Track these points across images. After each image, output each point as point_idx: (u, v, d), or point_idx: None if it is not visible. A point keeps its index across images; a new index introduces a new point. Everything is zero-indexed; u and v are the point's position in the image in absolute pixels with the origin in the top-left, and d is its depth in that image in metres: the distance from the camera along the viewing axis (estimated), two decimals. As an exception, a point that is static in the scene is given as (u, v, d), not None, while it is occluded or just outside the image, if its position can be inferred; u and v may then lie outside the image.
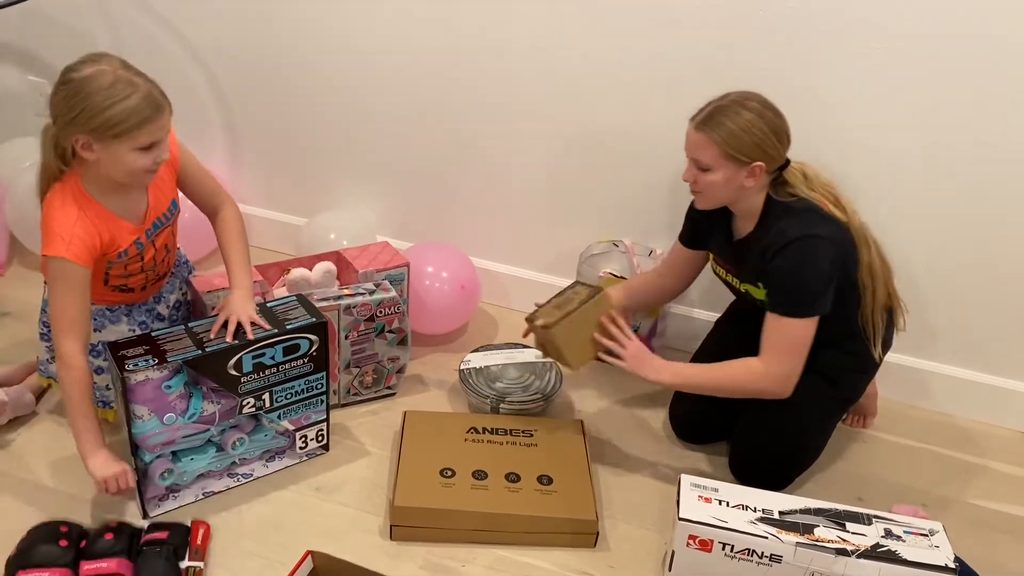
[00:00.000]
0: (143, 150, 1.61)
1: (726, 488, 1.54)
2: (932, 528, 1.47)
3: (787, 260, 1.74)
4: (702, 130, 1.75)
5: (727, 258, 1.97)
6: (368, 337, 2.07)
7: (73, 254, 1.63)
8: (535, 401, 2.10)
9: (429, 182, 2.54)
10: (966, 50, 1.92)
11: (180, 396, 1.69)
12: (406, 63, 2.38)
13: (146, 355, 1.65)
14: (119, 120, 1.55)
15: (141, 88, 1.57)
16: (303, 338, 1.79)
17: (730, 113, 1.73)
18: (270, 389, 1.81)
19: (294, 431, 1.90)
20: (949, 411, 2.30)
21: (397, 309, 2.07)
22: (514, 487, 1.83)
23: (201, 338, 1.72)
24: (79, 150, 1.61)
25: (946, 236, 2.12)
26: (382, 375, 2.15)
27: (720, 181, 1.77)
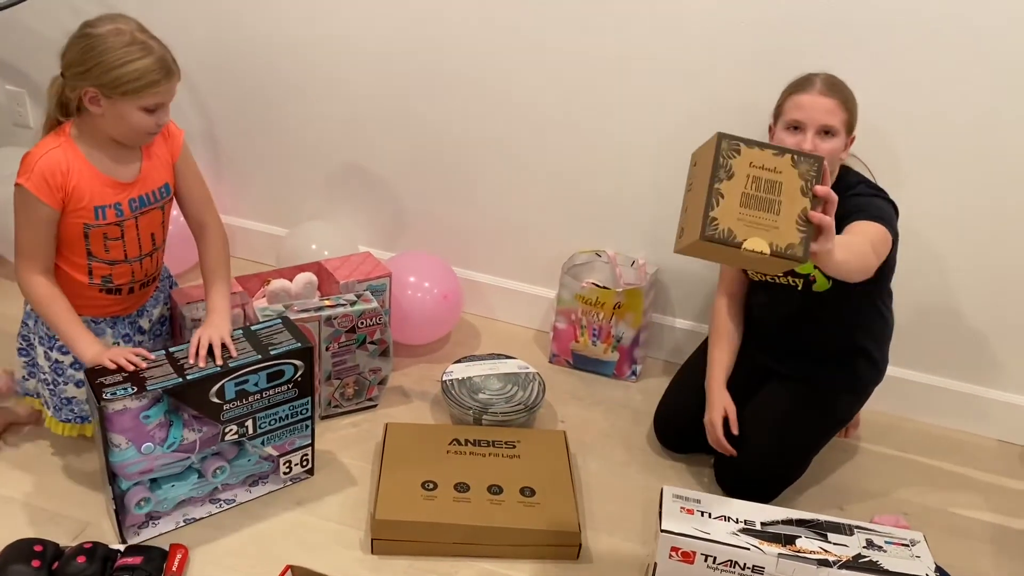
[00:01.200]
0: (148, 111, 1.67)
1: (708, 499, 1.54)
2: (913, 538, 1.48)
3: (872, 198, 1.77)
4: (830, 94, 1.76)
5: None
6: (349, 349, 2.06)
7: (32, 184, 1.66)
8: (518, 412, 2.09)
9: (411, 193, 2.53)
10: (974, 54, 1.94)
11: (159, 425, 1.65)
12: (388, 73, 2.38)
13: (125, 383, 1.60)
14: (131, 79, 1.62)
15: (155, 51, 1.64)
16: (287, 364, 1.74)
17: (839, 82, 1.78)
18: (253, 416, 1.76)
19: (278, 456, 1.85)
20: (930, 421, 2.31)
21: (379, 320, 2.06)
22: (496, 499, 1.82)
23: (182, 364, 1.67)
24: (86, 103, 1.66)
25: (929, 248, 2.13)
26: (363, 387, 2.13)
27: (839, 148, 1.78)
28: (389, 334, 2.10)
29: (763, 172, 1.33)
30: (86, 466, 1.91)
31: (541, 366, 2.35)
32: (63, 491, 1.84)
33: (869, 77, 1.94)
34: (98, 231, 1.75)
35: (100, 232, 1.75)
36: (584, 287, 2.29)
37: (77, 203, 1.70)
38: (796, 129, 1.78)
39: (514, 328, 2.57)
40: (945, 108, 1.99)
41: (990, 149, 2.01)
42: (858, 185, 1.84)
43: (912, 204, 2.06)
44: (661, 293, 2.41)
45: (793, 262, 1.32)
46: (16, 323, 1.89)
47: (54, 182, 1.67)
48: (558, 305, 2.36)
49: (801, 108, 1.77)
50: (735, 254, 1.32)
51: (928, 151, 2.05)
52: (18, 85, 2.79)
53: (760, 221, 1.31)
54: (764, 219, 1.31)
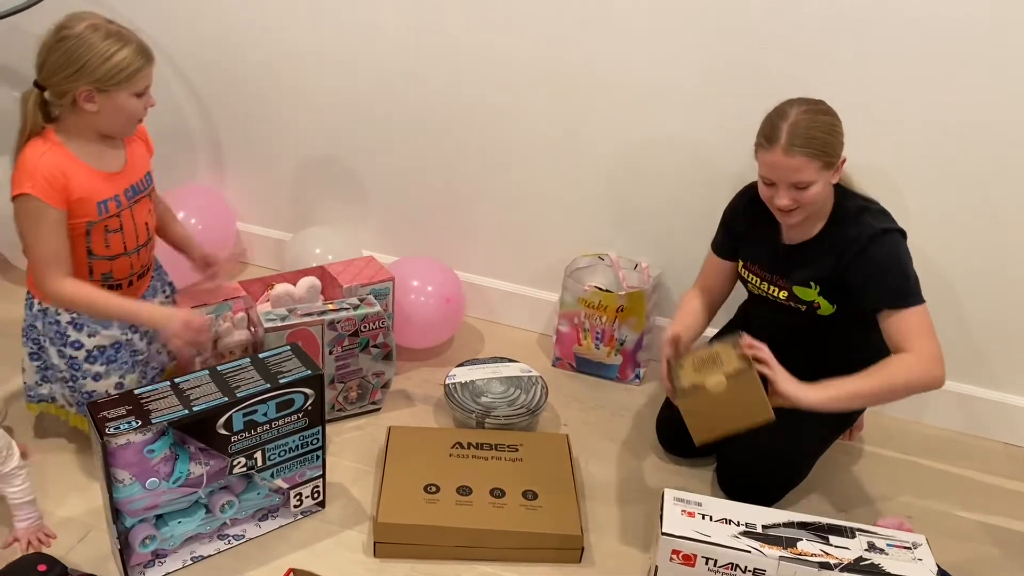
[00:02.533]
0: (138, 96, 1.75)
1: (709, 502, 1.53)
2: (915, 541, 1.47)
3: (883, 251, 1.75)
4: (793, 151, 1.69)
5: (767, 265, 1.92)
6: (352, 352, 2.06)
7: (38, 190, 1.68)
8: (520, 415, 2.10)
9: (414, 197, 2.54)
10: (976, 56, 1.95)
11: (165, 459, 1.59)
12: (391, 78, 2.39)
13: (128, 416, 1.55)
14: (120, 68, 1.69)
15: (132, 39, 1.72)
16: (297, 392, 1.70)
17: (810, 124, 1.69)
18: (263, 447, 1.70)
19: (288, 489, 1.81)
20: (935, 424, 2.31)
21: (381, 324, 2.07)
22: (499, 502, 1.82)
23: (188, 396, 1.62)
24: (81, 102, 1.71)
25: (933, 251, 2.13)
26: (367, 390, 2.14)
27: (821, 190, 1.75)
28: (392, 338, 2.11)
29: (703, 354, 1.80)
30: (89, 465, 1.91)
31: (544, 369, 2.36)
32: (64, 513, 1.83)
33: (867, 81, 1.95)
34: (100, 226, 1.79)
35: (101, 226, 1.79)
36: (587, 290, 2.29)
37: (79, 203, 1.74)
38: (769, 184, 1.77)
39: (517, 332, 2.57)
40: (943, 111, 1.99)
41: (992, 152, 2.01)
42: (861, 215, 1.79)
43: (913, 207, 2.06)
44: (664, 296, 2.41)
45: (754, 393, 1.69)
46: (12, 324, 1.88)
47: (57, 184, 1.70)
48: (561, 308, 2.36)
49: (769, 167, 1.74)
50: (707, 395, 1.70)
51: (929, 155, 2.05)
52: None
53: (710, 369, 1.74)
54: (712, 368, 1.73)
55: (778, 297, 1.92)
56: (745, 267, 1.98)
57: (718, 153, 2.19)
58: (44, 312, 1.83)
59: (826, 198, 1.81)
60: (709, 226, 2.07)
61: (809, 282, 1.85)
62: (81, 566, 1.69)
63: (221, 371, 1.70)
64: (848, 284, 1.79)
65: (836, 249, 1.79)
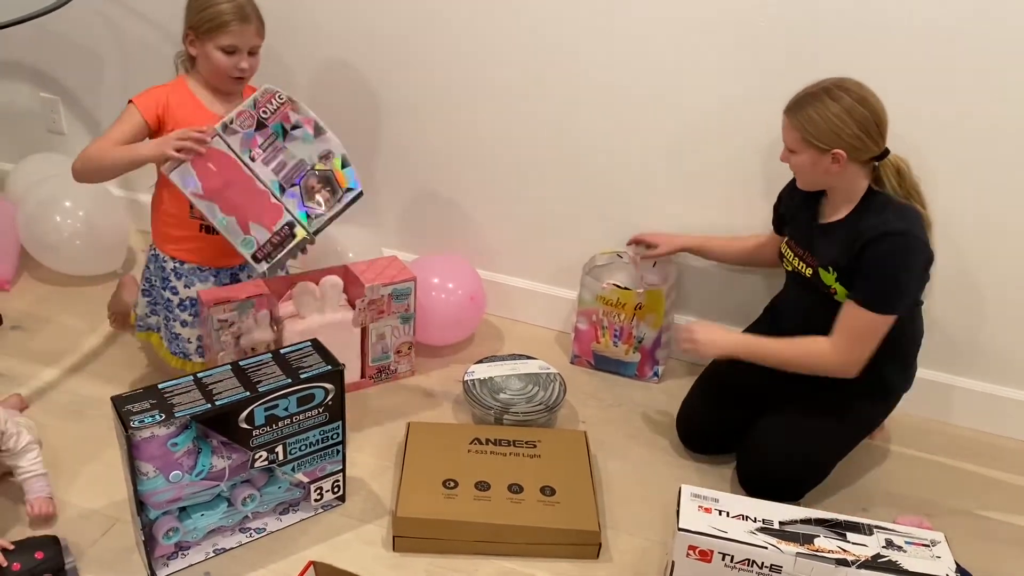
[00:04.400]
0: (226, 53, 1.91)
1: (726, 498, 1.53)
2: (933, 538, 1.47)
3: (884, 251, 1.77)
4: (787, 114, 1.83)
5: (802, 241, 1.97)
6: (275, 146, 1.90)
7: (138, 100, 1.95)
8: (538, 412, 2.10)
9: (435, 195, 2.55)
10: (1000, 57, 1.94)
11: (188, 452, 1.62)
12: (410, 72, 2.40)
13: (152, 410, 1.58)
14: (209, 18, 1.89)
15: (236, 0, 1.90)
16: (318, 387, 1.72)
17: (816, 102, 1.77)
18: (284, 441, 1.73)
19: (309, 483, 1.82)
20: (957, 422, 2.29)
21: (279, 100, 1.90)
22: (517, 498, 1.84)
23: (210, 390, 1.64)
24: (187, 44, 1.96)
25: (954, 250, 2.11)
26: (328, 180, 1.93)
27: (806, 164, 1.83)
28: (305, 109, 1.92)
29: None
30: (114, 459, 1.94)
31: (562, 366, 2.36)
32: (90, 486, 1.88)
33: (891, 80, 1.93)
34: None
35: None
36: (605, 288, 2.30)
37: (176, 123, 1.93)
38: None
39: (536, 329, 2.58)
40: (969, 110, 1.98)
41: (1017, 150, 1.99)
42: (885, 209, 1.81)
43: (936, 206, 2.05)
44: (683, 295, 2.41)
45: None
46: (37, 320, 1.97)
47: (153, 100, 1.95)
48: (579, 306, 2.36)
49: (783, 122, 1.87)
50: None
51: (955, 154, 2.03)
52: (52, 92, 2.85)
53: None
54: None
55: (805, 274, 1.94)
56: (786, 243, 2.03)
57: (743, 154, 2.19)
58: (155, 256, 2.09)
59: (832, 180, 1.84)
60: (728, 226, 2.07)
61: (828, 266, 1.87)
62: (105, 558, 1.73)
63: (243, 366, 1.73)
64: (854, 272, 1.82)
65: (853, 235, 1.82)
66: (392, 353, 2.27)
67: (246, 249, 1.89)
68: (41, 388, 2.17)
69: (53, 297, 2.54)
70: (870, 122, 1.78)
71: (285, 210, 1.91)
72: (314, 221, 1.92)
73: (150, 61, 2.61)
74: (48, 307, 2.49)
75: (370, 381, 2.28)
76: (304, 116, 1.92)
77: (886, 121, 1.80)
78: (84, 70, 2.77)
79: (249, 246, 1.89)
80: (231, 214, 1.88)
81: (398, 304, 2.20)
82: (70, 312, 2.47)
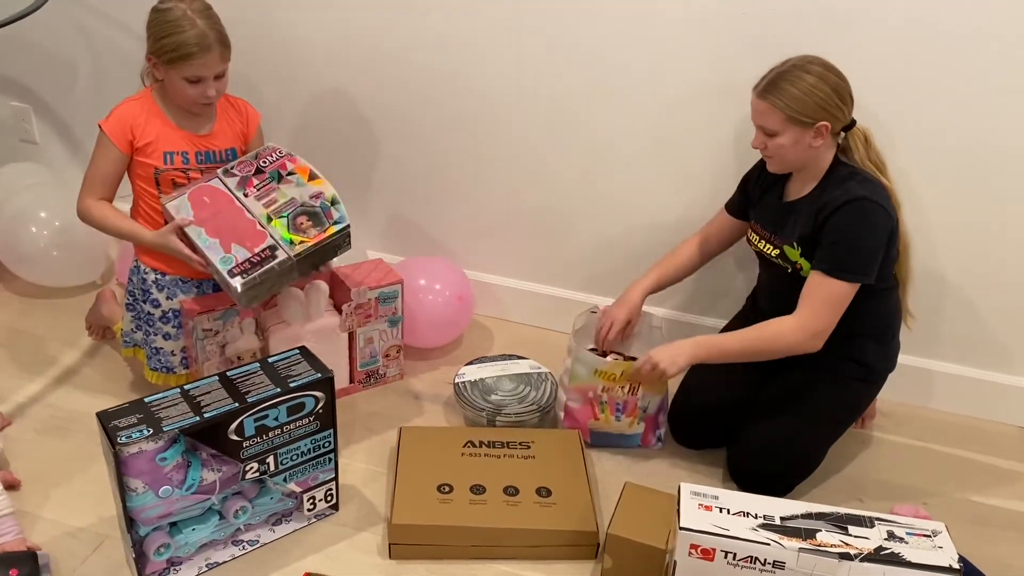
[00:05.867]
0: (190, 82, 1.86)
1: (726, 495, 1.52)
2: (935, 529, 1.46)
3: (846, 218, 1.77)
4: (765, 97, 1.79)
5: (768, 221, 1.96)
6: (269, 187, 1.95)
7: (107, 126, 1.91)
8: (531, 413, 2.09)
9: (419, 196, 2.52)
10: (973, 50, 1.94)
11: (177, 467, 1.58)
12: (394, 71, 2.37)
13: (139, 425, 1.55)
14: (170, 48, 1.83)
15: (197, 28, 1.82)
16: (308, 396, 1.69)
17: (791, 77, 1.76)
18: (274, 452, 1.70)
19: (301, 493, 1.79)
20: (948, 408, 2.30)
21: (279, 154, 1.99)
22: (513, 500, 1.82)
23: (198, 402, 1.62)
24: (152, 68, 1.91)
25: (945, 232, 2.12)
26: (317, 216, 1.93)
27: (788, 144, 1.81)
28: (303, 162, 1.98)
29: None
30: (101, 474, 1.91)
31: (553, 365, 2.32)
32: (78, 503, 1.84)
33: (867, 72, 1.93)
34: (167, 177, 1.95)
35: (169, 178, 1.95)
36: (607, 362, 2.02)
37: (148, 146, 1.92)
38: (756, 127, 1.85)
39: (525, 328, 2.56)
40: (947, 99, 1.98)
41: (992, 137, 2.00)
42: (848, 181, 1.82)
43: (920, 189, 2.05)
44: (660, 296, 2.36)
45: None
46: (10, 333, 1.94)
47: (125, 124, 1.90)
48: (572, 383, 2.04)
49: (751, 107, 1.84)
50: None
51: (931, 137, 2.04)
52: (24, 101, 2.80)
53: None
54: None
55: (771, 256, 1.95)
56: (752, 228, 2.02)
57: (728, 145, 2.19)
58: (137, 268, 2.05)
59: (809, 156, 1.84)
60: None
61: (793, 241, 1.88)
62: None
63: (231, 376, 1.70)
64: (816, 242, 1.83)
65: (817, 206, 1.83)
66: (380, 357, 2.24)
67: (224, 265, 1.86)
68: (22, 404, 2.12)
69: (31, 310, 2.49)
70: (844, 91, 1.79)
71: (269, 235, 1.90)
72: (297, 246, 1.90)
73: (124, 67, 2.55)
74: (26, 320, 2.44)
75: (359, 386, 2.25)
76: (301, 166, 1.98)
77: (851, 88, 1.81)
78: (56, 78, 2.71)
79: (228, 263, 1.87)
80: (215, 237, 1.89)
81: (385, 307, 2.18)
82: (49, 325, 2.42)
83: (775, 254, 1.94)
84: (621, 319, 2.09)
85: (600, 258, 2.44)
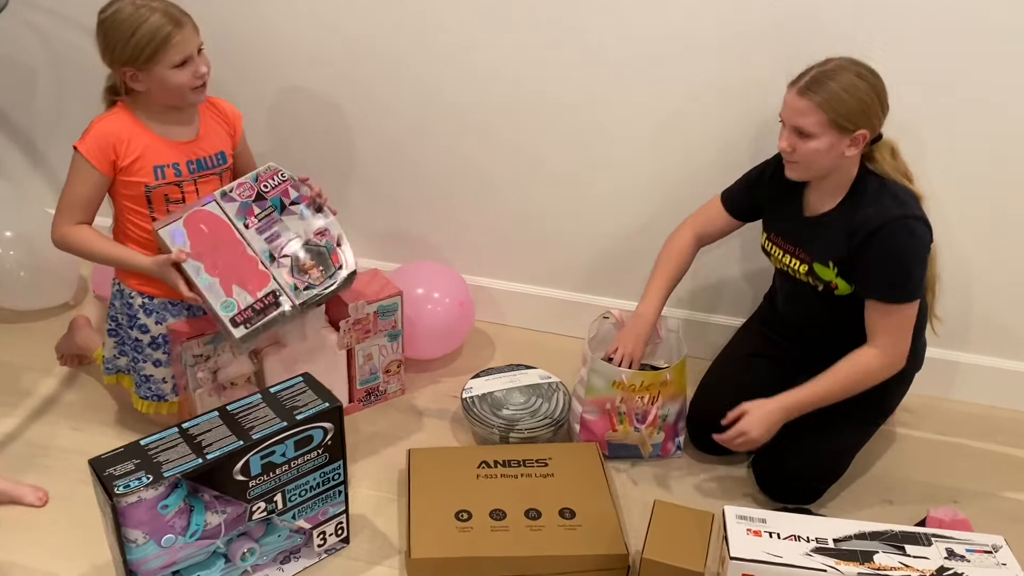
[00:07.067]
0: (179, 67, 1.72)
1: (774, 518, 1.43)
2: (995, 543, 1.39)
3: (894, 241, 1.67)
4: (806, 95, 1.64)
5: (790, 236, 1.85)
6: (272, 218, 1.82)
7: (84, 147, 1.75)
8: (545, 427, 1.98)
9: (412, 200, 2.39)
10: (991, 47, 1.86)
11: (179, 512, 1.47)
12: (388, 74, 2.23)
13: (137, 472, 1.43)
14: (146, 42, 1.68)
15: (157, 9, 1.69)
16: (316, 428, 1.57)
17: (836, 76, 1.63)
18: (282, 489, 1.58)
19: (311, 529, 1.68)
20: (974, 400, 2.23)
21: (281, 177, 1.84)
22: (536, 524, 1.72)
23: (199, 442, 1.49)
24: (129, 83, 1.74)
25: (964, 217, 2.05)
26: (323, 257, 1.85)
27: (823, 149, 1.67)
28: (306, 189, 1.86)
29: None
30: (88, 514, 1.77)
31: (560, 371, 2.20)
32: (72, 549, 1.70)
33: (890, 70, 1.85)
34: (159, 193, 1.81)
35: (161, 194, 1.81)
36: (626, 372, 1.90)
37: (134, 164, 1.78)
38: (782, 125, 1.72)
39: (528, 333, 2.45)
40: (968, 98, 1.91)
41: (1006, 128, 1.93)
42: (881, 195, 1.71)
43: (942, 174, 1.97)
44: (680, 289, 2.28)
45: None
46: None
47: (106, 144, 1.75)
48: (588, 395, 1.94)
49: (785, 104, 1.71)
50: None
51: (950, 134, 1.96)
52: (-20, 110, 2.62)
53: None
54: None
55: (799, 272, 1.84)
56: (769, 239, 1.91)
57: (726, 151, 2.09)
58: (121, 292, 1.90)
59: (836, 166, 1.72)
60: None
61: (828, 261, 1.77)
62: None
63: (232, 411, 1.57)
64: (856, 265, 1.73)
65: (851, 226, 1.72)
66: (381, 373, 2.12)
67: (226, 312, 1.74)
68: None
69: (0, 337, 2.33)
70: (885, 96, 1.69)
71: (272, 278, 1.79)
72: (302, 293, 1.80)
73: (86, 72, 2.39)
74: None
75: (359, 404, 2.13)
76: (304, 194, 1.86)
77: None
78: (15, 86, 2.54)
79: (229, 308, 1.75)
80: (215, 275, 1.75)
81: (384, 321, 2.06)
82: (20, 352, 2.25)
83: (803, 270, 1.83)
84: (638, 356, 1.95)
85: (599, 257, 2.34)
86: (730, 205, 1.97)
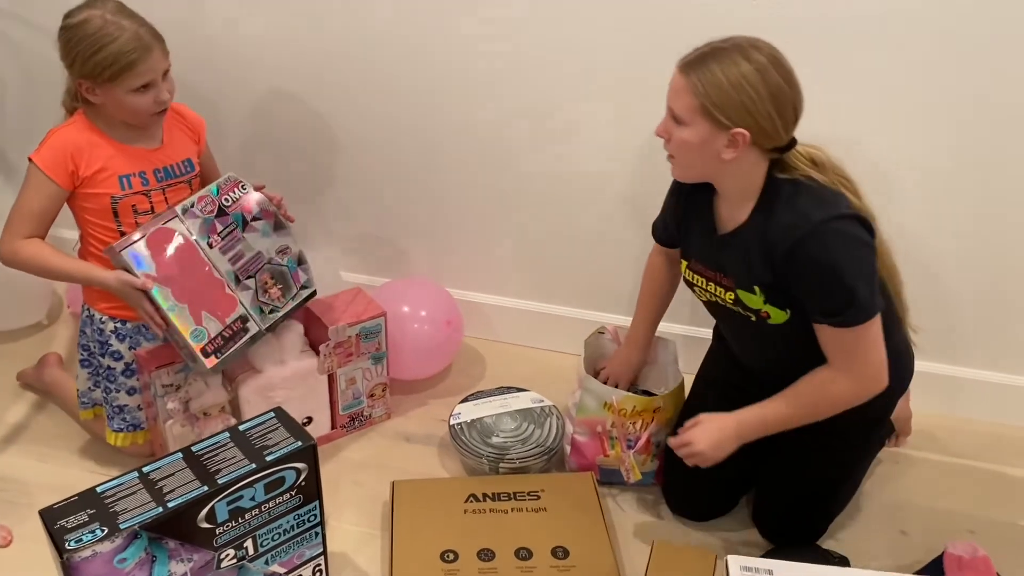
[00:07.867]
0: (139, 91, 1.63)
1: (781, 567, 1.33)
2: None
3: (819, 252, 1.40)
4: (685, 72, 1.41)
5: (707, 260, 1.61)
6: (234, 235, 1.75)
7: (40, 159, 1.66)
8: (537, 455, 1.88)
9: (395, 212, 2.29)
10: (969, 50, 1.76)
11: (140, 565, 1.36)
12: (370, 82, 2.13)
13: (91, 523, 1.31)
14: (108, 64, 1.59)
15: (128, 30, 1.59)
16: (288, 469, 1.46)
17: (723, 58, 1.38)
18: (253, 534, 1.47)
19: (286, 573, 1.56)
20: (986, 419, 2.13)
21: (241, 190, 1.76)
22: (527, 566, 1.62)
23: (160, 488, 1.37)
24: (84, 94, 1.66)
25: (956, 228, 1.95)
26: (284, 276, 1.80)
27: (692, 142, 1.44)
28: (266, 202, 1.78)
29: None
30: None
31: (551, 391, 2.08)
32: None
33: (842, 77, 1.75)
34: (126, 204, 1.72)
35: (129, 205, 1.72)
36: (618, 394, 1.81)
37: (97, 175, 1.69)
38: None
39: (518, 349, 2.35)
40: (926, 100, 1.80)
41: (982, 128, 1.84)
42: (795, 199, 1.44)
43: (952, 192, 1.87)
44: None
45: None
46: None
47: (64, 155, 1.66)
48: (579, 414, 1.84)
49: (669, 85, 1.47)
50: None
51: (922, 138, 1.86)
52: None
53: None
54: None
55: (726, 301, 1.60)
56: (690, 267, 1.67)
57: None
58: (91, 318, 1.80)
59: (718, 170, 1.48)
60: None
61: (752, 286, 1.53)
62: None
63: (197, 452, 1.46)
64: (787, 287, 1.48)
65: (766, 242, 1.46)
66: (365, 398, 2.02)
67: (196, 340, 1.65)
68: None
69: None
70: (785, 100, 1.40)
71: (239, 303, 1.71)
72: (267, 317, 1.77)
73: (54, 78, 2.29)
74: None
75: (342, 431, 2.03)
76: (266, 209, 1.78)
77: (802, 101, 1.43)
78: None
79: (200, 338, 1.66)
80: (183, 301, 1.66)
81: (367, 344, 1.95)
82: (-13, 376, 2.16)
83: (731, 299, 1.58)
84: (624, 382, 1.90)
85: (590, 269, 2.23)
86: (657, 233, 1.79)
